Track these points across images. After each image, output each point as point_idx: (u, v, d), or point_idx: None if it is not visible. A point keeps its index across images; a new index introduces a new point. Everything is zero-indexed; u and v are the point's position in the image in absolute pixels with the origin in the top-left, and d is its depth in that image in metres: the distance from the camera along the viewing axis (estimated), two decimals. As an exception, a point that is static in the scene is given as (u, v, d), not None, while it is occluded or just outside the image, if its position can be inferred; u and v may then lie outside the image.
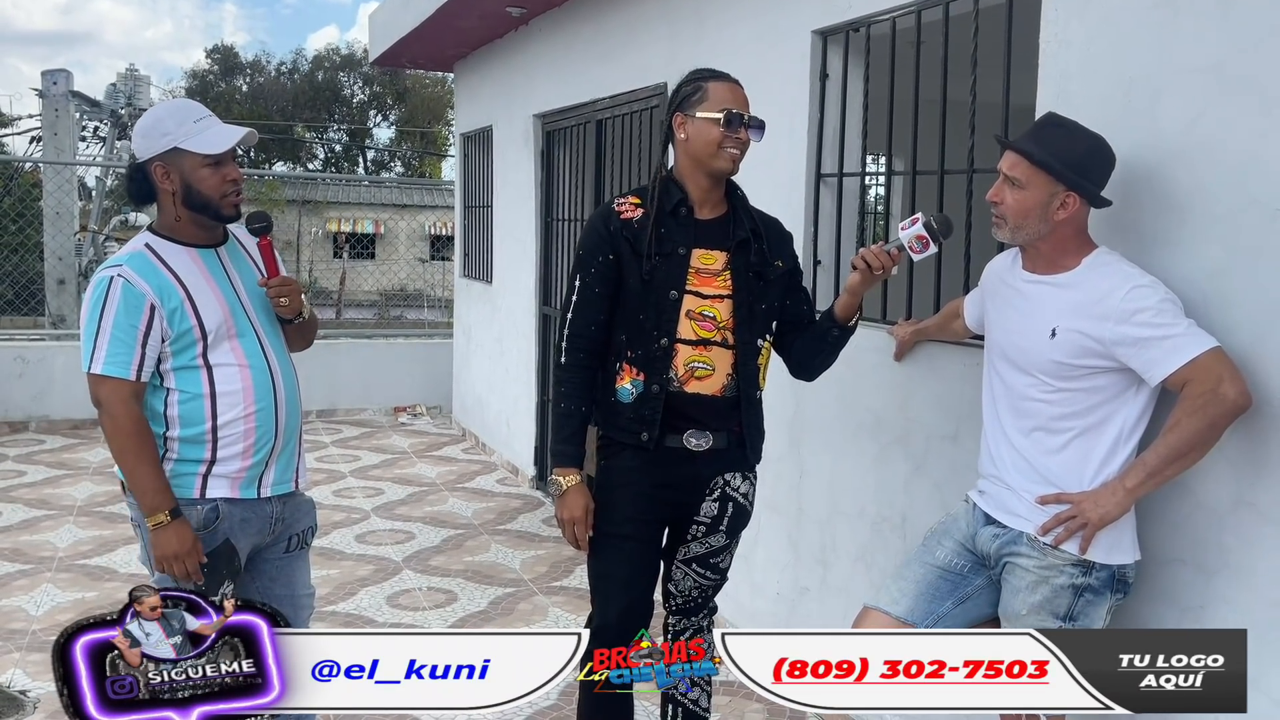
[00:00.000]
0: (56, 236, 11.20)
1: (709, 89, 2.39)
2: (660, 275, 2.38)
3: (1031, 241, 2.16)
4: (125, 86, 15.61)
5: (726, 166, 2.39)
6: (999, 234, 2.19)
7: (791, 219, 3.52)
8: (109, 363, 2.19)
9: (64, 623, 3.82)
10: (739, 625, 3.76)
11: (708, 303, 2.40)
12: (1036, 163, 2.10)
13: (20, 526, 5.11)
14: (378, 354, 8.58)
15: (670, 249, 2.39)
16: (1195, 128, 2.13)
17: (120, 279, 2.20)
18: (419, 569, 4.65)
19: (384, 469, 6.58)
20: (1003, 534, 2.20)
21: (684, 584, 2.58)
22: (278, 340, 2.43)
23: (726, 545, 2.55)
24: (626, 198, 2.48)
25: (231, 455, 2.31)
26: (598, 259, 2.41)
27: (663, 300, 2.38)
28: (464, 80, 7.76)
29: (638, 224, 2.41)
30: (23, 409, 7.35)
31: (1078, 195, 2.10)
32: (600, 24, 5.14)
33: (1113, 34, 2.34)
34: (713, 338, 2.40)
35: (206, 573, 2.32)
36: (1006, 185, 2.14)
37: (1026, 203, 2.12)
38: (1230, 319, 2.05)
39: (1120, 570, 2.11)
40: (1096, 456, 2.10)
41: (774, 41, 3.63)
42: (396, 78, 30.77)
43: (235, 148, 2.29)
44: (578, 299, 2.43)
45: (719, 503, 2.49)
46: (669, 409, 2.39)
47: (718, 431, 2.43)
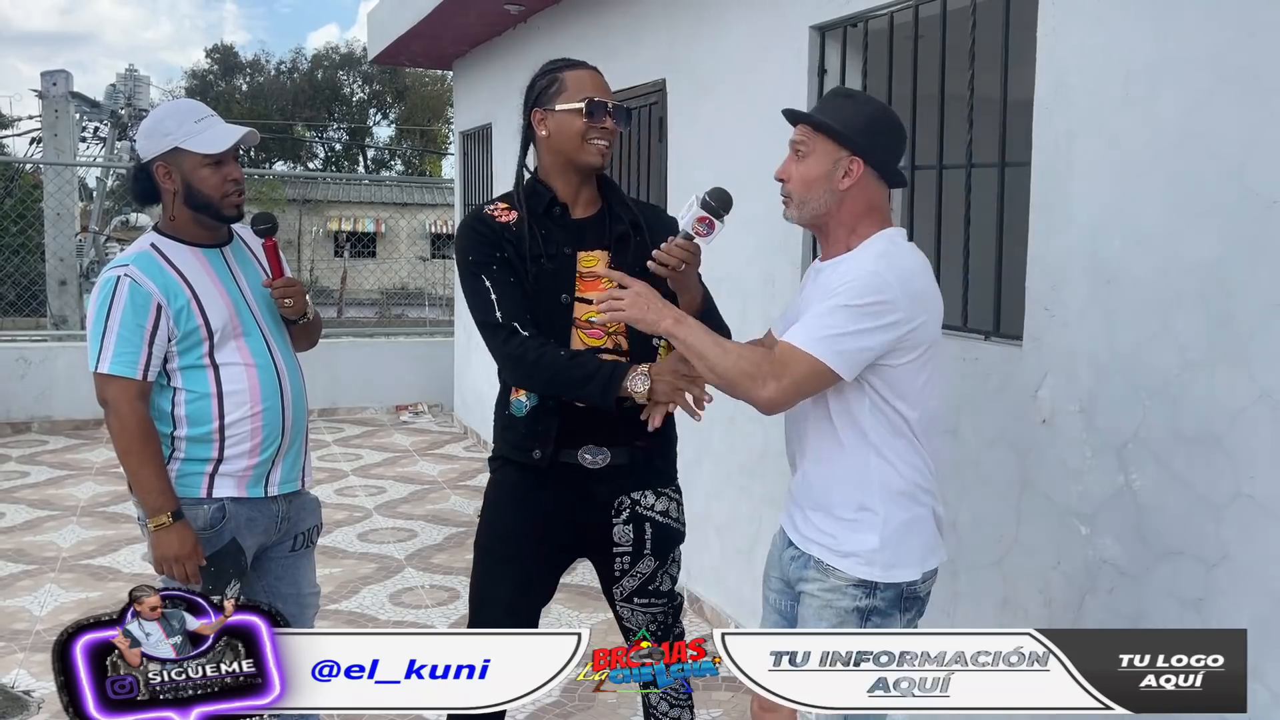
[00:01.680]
0: (58, 238, 11.21)
1: (566, 79, 2.22)
2: (547, 279, 2.19)
3: (820, 218, 1.99)
4: (125, 87, 15.61)
5: (594, 160, 2.20)
6: (787, 214, 2.03)
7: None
8: (116, 362, 2.21)
9: (67, 623, 3.85)
10: (740, 620, 3.77)
11: (594, 308, 2.15)
12: (816, 126, 1.96)
13: (23, 527, 5.13)
14: (379, 352, 8.59)
15: (555, 249, 2.21)
16: (1192, 119, 2.13)
17: (127, 279, 2.22)
18: (421, 567, 4.66)
19: (386, 467, 6.59)
20: (797, 556, 2.05)
21: (636, 619, 2.37)
22: (283, 339, 2.44)
23: (659, 567, 2.33)
24: (494, 203, 2.28)
25: (238, 454, 2.32)
26: (495, 255, 2.18)
27: (554, 305, 2.19)
28: (463, 78, 7.77)
29: (515, 227, 2.21)
30: (25, 410, 7.37)
31: (862, 161, 1.94)
32: (599, 21, 5.14)
33: (1110, 26, 2.33)
34: (603, 345, 2.20)
35: (213, 572, 2.33)
36: (792, 159, 2.00)
37: (810, 172, 1.96)
38: (1226, 312, 2.05)
39: (909, 587, 1.96)
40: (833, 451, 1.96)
41: (772, 37, 3.63)
42: (396, 76, 30.77)
43: (237, 147, 2.30)
44: (498, 292, 2.16)
45: (632, 526, 2.28)
46: (566, 424, 2.19)
47: (617, 447, 2.22)
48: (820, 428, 1.98)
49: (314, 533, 2.57)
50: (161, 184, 2.30)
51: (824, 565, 1.97)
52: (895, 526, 1.94)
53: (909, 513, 1.95)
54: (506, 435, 2.29)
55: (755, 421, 3.74)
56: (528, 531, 2.27)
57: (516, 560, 2.28)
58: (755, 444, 3.74)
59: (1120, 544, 2.30)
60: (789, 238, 3.53)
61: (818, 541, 1.99)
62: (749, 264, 3.69)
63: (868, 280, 1.85)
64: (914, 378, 1.92)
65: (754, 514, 3.78)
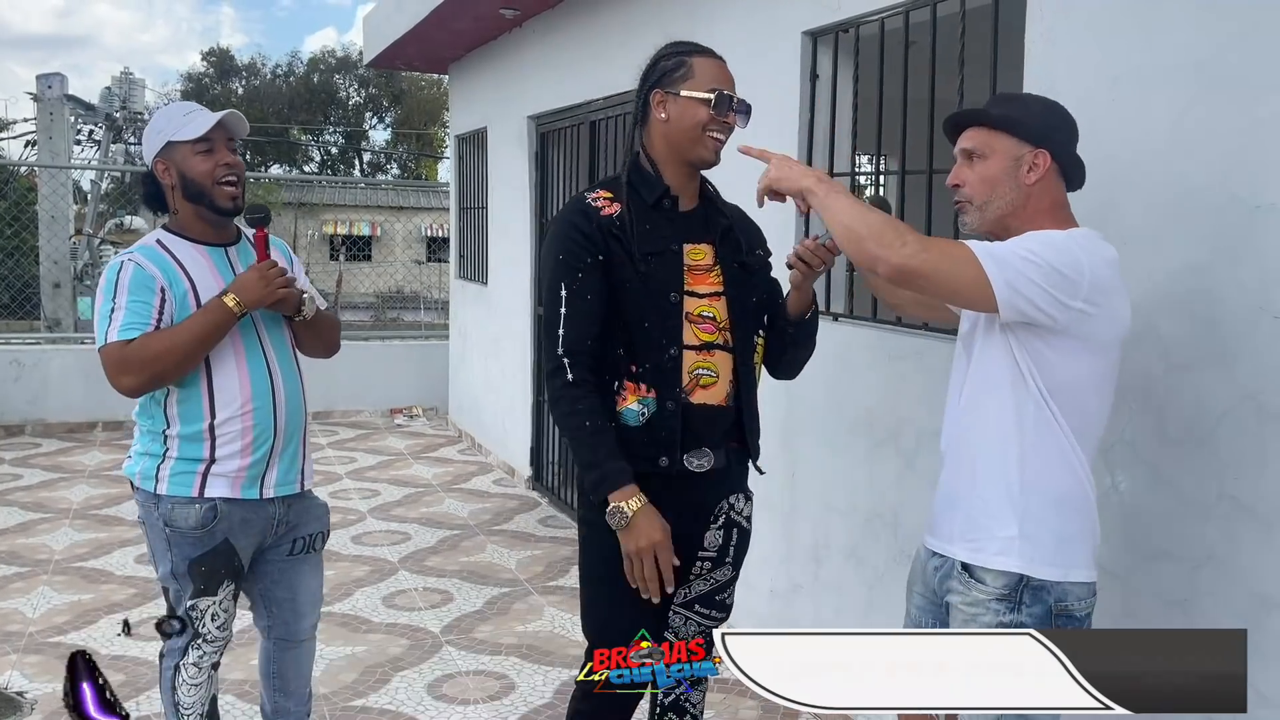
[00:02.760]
0: (52, 240, 11.19)
1: (694, 65, 2.12)
2: (658, 276, 2.10)
3: (1004, 219, 1.89)
4: (120, 90, 15.61)
5: (708, 156, 2.13)
6: (968, 222, 1.95)
7: (783, 220, 3.55)
8: (125, 329, 2.22)
9: (60, 624, 3.87)
10: (732, 622, 3.77)
11: (704, 302, 2.13)
12: (995, 124, 1.89)
13: (16, 529, 5.12)
14: (374, 355, 8.59)
15: (662, 246, 2.11)
16: (1179, 125, 2.15)
17: (130, 263, 2.28)
18: (415, 569, 4.67)
19: (380, 470, 6.59)
20: (941, 565, 1.98)
21: (685, 630, 2.26)
22: (281, 340, 2.45)
23: (732, 578, 2.27)
24: (596, 192, 2.17)
25: (230, 454, 2.33)
26: (584, 262, 2.08)
27: (664, 304, 2.10)
28: (458, 82, 7.78)
29: (619, 220, 2.11)
30: (19, 412, 7.36)
31: (1048, 153, 1.87)
32: (593, 25, 5.16)
33: (1098, 32, 2.36)
34: (715, 340, 2.14)
35: (204, 572, 2.35)
36: (964, 163, 1.93)
37: (991, 171, 1.88)
38: (1211, 316, 2.07)
39: (1059, 600, 1.84)
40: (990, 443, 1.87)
41: (764, 42, 3.65)
42: (392, 80, 30.77)
43: (228, 135, 2.34)
44: (568, 310, 2.07)
45: (724, 530, 2.22)
46: (670, 427, 2.09)
47: (717, 449, 2.16)
48: (979, 430, 1.90)
49: (317, 539, 2.56)
50: (162, 180, 2.36)
51: (965, 576, 1.88)
52: (1040, 519, 1.83)
53: (1057, 509, 1.83)
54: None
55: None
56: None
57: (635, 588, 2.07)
58: (747, 447, 3.75)
59: (1106, 545, 2.31)
60: (780, 241, 3.54)
61: (962, 538, 1.90)
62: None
63: (1064, 248, 1.75)
64: (1077, 373, 1.81)
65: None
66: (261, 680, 2.67)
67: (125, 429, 7.50)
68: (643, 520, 2.00)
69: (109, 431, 7.42)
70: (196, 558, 2.34)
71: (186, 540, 2.33)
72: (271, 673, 2.63)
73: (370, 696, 3.39)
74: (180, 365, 2.24)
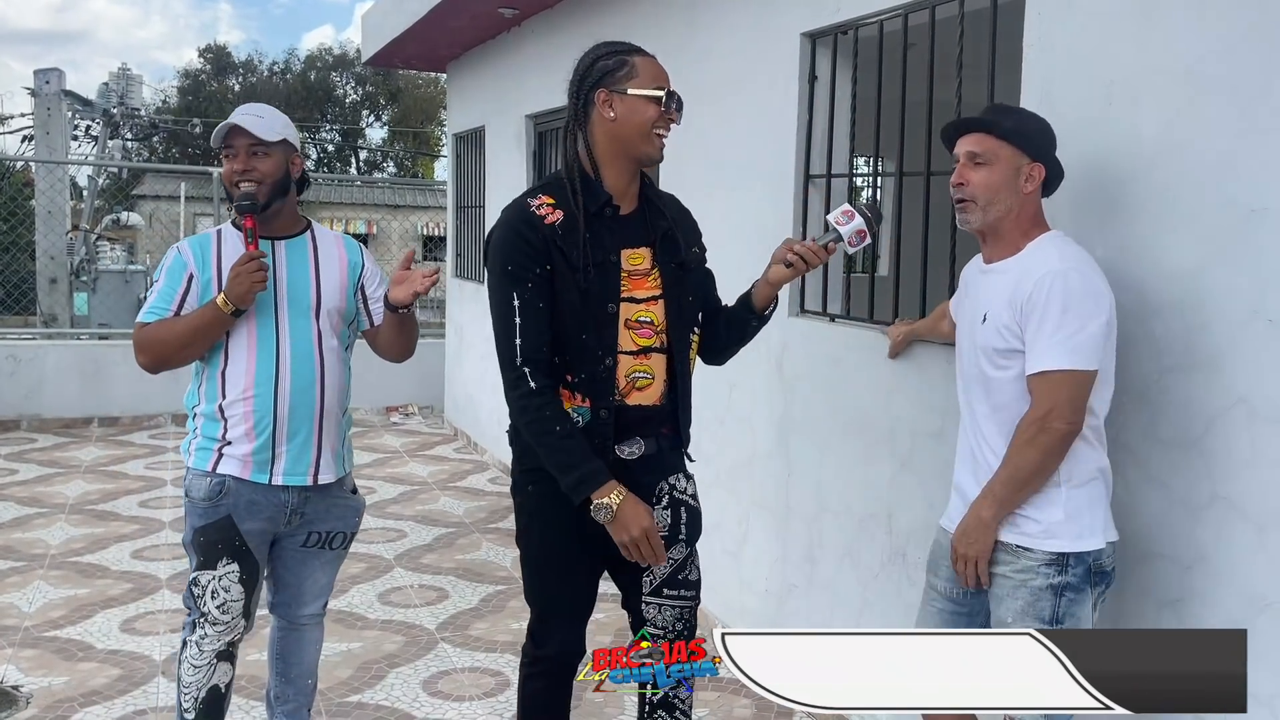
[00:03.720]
0: (49, 235, 11.19)
1: (637, 64, 2.14)
2: (596, 288, 2.13)
3: (1000, 221, 2.11)
4: (117, 86, 15.60)
5: (655, 153, 2.15)
6: (969, 220, 2.13)
7: (780, 219, 3.57)
8: (149, 312, 2.45)
9: (56, 619, 3.87)
10: (727, 622, 3.79)
11: (642, 307, 2.18)
12: (1003, 134, 2.08)
13: (12, 524, 5.12)
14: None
15: (602, 257, 2.13)
16: (1173, 129, 2.17)
17: (175, 249, 2.51)
18: (410, 567, 4.68)
19: (376, 468, 6.60)
20: None
21: (662, 617, 2.31)
22: (305, 331, 2.50)
23: (689, 555, 2.33)
24: (539, 197, 2.17)
25: (238, 437, 2.44)
26: (533, 272, 2.10)
27: (602, 315, 2.14)
28: (456, 81, 7.79)
29: (562, 229, 2.12)
30: (14, 407, 7.35)
31: (1043, 167, 2.10)
32: (591, 25, 5.17)
33: (1094, 37, 2.38)
34: (652, 344, 2.20)
35: (202, 543, 2.45)
36: (969, 166, 2.11)
37: (994, 178, 2.08)
38: (1204, 319, 2.09)
39: (1095, 561, 2.06)
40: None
41: (763, 44, 3.67)
42: (389, 78, 30.75)
43: (251, 140, 2.43)
44: (522, 320, 2.10)
45: (670, 509, 2.29)
46: (603, 426, 2.16)
47: (648, 438, 2.23)
48: (996, 403, 2.10)
49: (336, 538, 2.63)
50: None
51: (1012, 547, 2.08)
52: (1078, 502, 2.05)
53: (1089, 489, 2.06)
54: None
55: (744, 423, 3.78)
56: (574, 539, 2.21)
57: (570, 566, 2.25)
58: (744, 446, 3.77)
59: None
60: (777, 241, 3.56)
61: (1008, 523, 2.08)
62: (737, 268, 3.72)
63: (1064, 275, 1.98)
64: (1103, 364, 2.04)
65: (742, 516, 3.81)
66: (269, 664, 2.77)
67: (120, 425, 7.50)
68: (628, 511, 2.09)
69: (104, 427, 7.41)
70: (200, 527, 2.46)
71: (196, 510, 2.47)
72: (275, 654, 2.74)
73: (366, 692, 3.41)
74: (179, 353, 2.44)
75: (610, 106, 2.13)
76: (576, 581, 2.29)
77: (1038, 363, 1.98)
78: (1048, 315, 1.97)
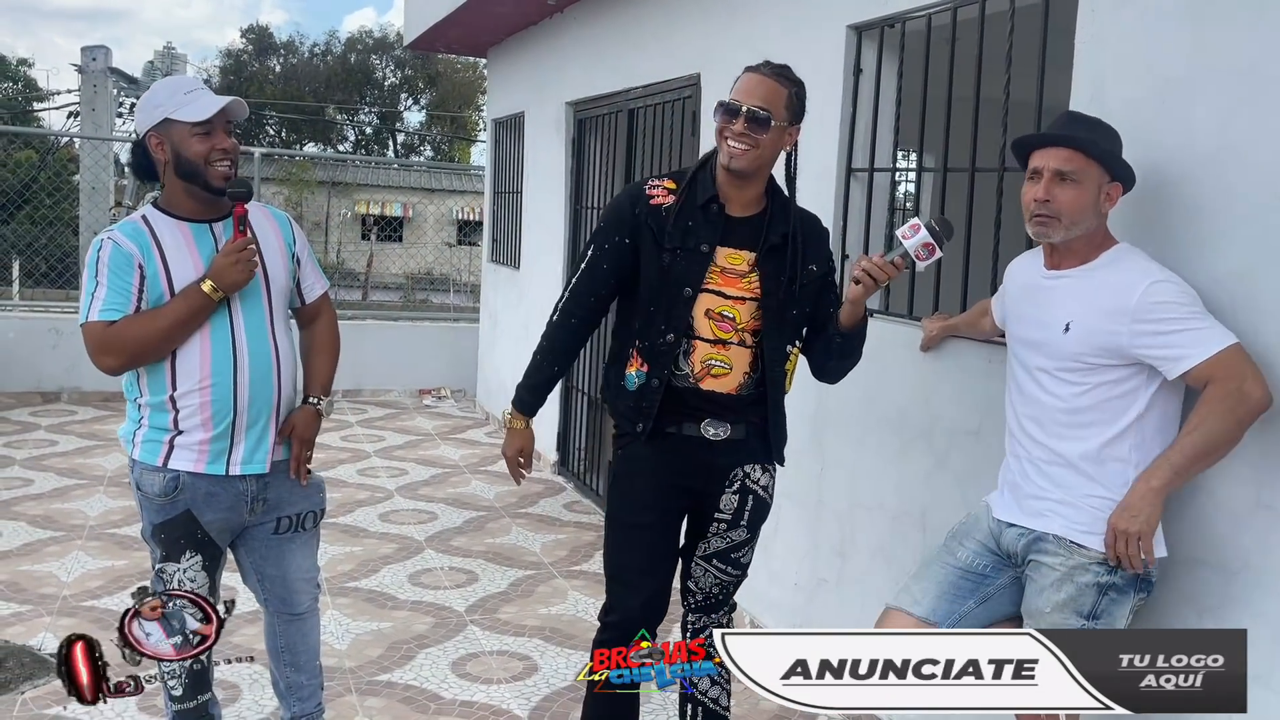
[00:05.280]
0: (93, 211, 11.34)
1: (737, 81, 2.35)
2: (678, 270, 2.32)
3: (1077, 240, 2.14)
4: (163, 65, 15.80)
5: (724, 159, 2.31)
6: (1048, 234, 2.13)
7: (821, 212, 3.52)
8: (106, 310, 2.27)
9: (94, 589, 3.94)
10: (757, 614, 3.79)
11: (729, 303, 2.35)
12: (1093, 154, 2.08)
13: (52, 494, 5.22)
14: (404, 336, 8.65)
15: (694, 244, 2.33)
16: (1226, 130, 2.13)
17: (110, 241, 2.31)
18: (441, 549, 4.71)
19: (408, 450, 6.65)
20: (1027, 534, 2.20)
21: (704, 581, 2.53)
22: (258, 318, 2.41)
23: (748, 540, 2.50)
24: (662, 180, 2.42)
25: (192, 427, 2.35)
26: (614, 238, 2.38)
27: (676, 296, 2.33)
28: (497, 66, 7.80)
29: (665, 212, 2.34)
30: (55, 380, 7.48)
31: (1120, 187, 2.12)
32: (634, 13, 5.16)
33: (1147, 35, 2.34)
34: (729, 339, 2.36)
35: (163, 539, 2.39)
36: (1056, 182, 2.10)
37: (1083, 198, 2.09)
38: (1255, 320, 2.06)
39: (1145, 569, 2.09)
40: (1116, 453, 2.10)
41: (808, 35, 3.64)
42: (428, 62, 30.86)
43: (227, 118, 2.34)
44: (586, 267, 2.43)
45: (739, 495, 2.45)
46: (685, 401, 2.36)
47: (736, 423, 2.39)
48: (1073, 407, 2.12)
49: (306, 519, 2.55)
50: (154, 155, 2.36)
51: (1066, 542, 2.12)
52: None
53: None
54: (617, 405, 2.46)
55: (777, 417, 3.76)
56: (658, 498, 2.43)
57: (650, 527, 2.45)
58: (776, 439, 3.76)
59: (1139, 551, 2.31)
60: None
61: (1063, 516, 2.13)
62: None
63: (1171, 280, 2.04)
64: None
65: (774, 508, 3.79)
66: (270, 658, 2.66)
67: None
68: (512, 436, 2.54)
69: (143, 402, 7.50)
70: (158, 524, 2.39)
71: (152, 505, 2.39)
72: (279, 647, 2.63)
73: (395, 672, 3.44)
74: (159, 348, 2.30)
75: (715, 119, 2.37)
76: (652, 542, 2.46)
77: (1203, 350, 1.97)
78: (1180, 312, 2.00)
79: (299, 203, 21.25)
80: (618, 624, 2.44)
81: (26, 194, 11.15)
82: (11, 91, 31.53)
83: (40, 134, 15.48)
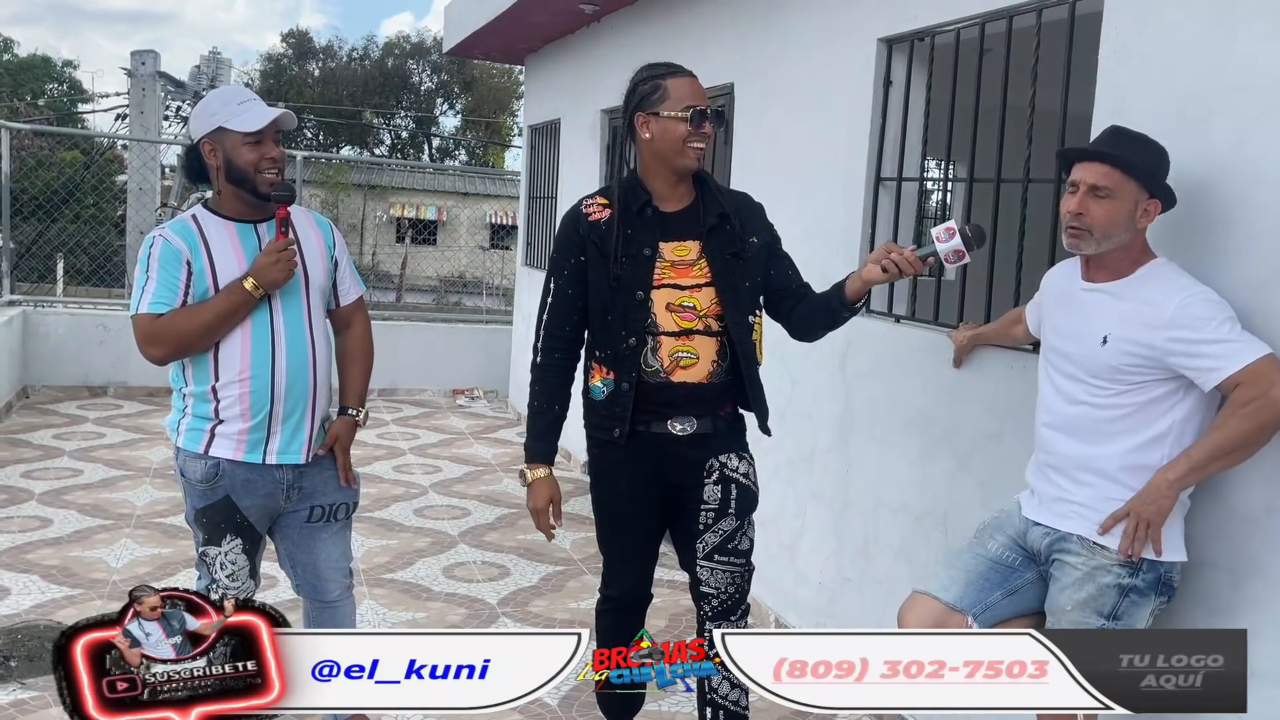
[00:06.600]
0: (140, 211, 11.61)
1: (668, 86, 2.42)
2: (627, 277, 2.42)
3: (1110, 254, 2.19)
4: (208, 69, 16.09)
5: (691, 164, 2.43)
6: (1081, 246, 2.19)
7: (849, 220, 3.63)
8: (155, 303, 2.42)
9: (143, 575, 4.08)
10: (782, 613, 3.87)
11: (686, 293, 2.44)
12: (1129, 171, 2.12)
13: (100, 485, 5.39)
14: (438, 337, 8.81)
15: (636, 250, 2.43)
16: (1245, 145, 2.20)
17: (161, 238, 2.46)
18: (474, 544, 4.83)
19: (442, 448, 6.79)
20: (1052, 533, 2.27)
21: (714, 579, 2.56)
22: (297, 313, 2.53)
23: (740, 527, 2.55)
24: (594, 198, 2.52)
25: (232, 417, 2.48)
26: (569, 261, 2.48)
27: (629, 301, 2.42)
28: (534, 73, 7.93)
29: (604, 225, 2.45)
30: (103, 374, 7.69)
31: (1159, 203, 2.16)
32: (670, 23, 5.26)
33: (1170, 51, 2.40)
34: (694, 327, 2.44)
35: (205, 524, 2.52)
36: (1090, 196, 2.15)
37: (1117, 213, 2.13)
38: (1270, 334, 2.11)
39: (1166, 572, 2.16)
40: (1146, 460, 2.15)
41: (840, 47, 3.72)
42: (464, 67, 31.13)
43: (275, 129, 2.47)
44: (552, 301, 2.50)
45: (720, 485, 2.52)
46: (656, 399, 2.44)
47: (703, 417, 2.48)
48: (1108, 416, 2.18)
49: (339, 510, 2.67)
50: (207, 160, 2.50)
51: (1090, 543, 2.18)
52: (1172, 525, 2.14)
53: (1178, 505, 2.13)
54: (589, 417, 2.55)
55: (804, 418, 3.84)
56: (632, 490, 2.55)
57: (630, 516, 2.59)
58: (804, 441, 3.84)
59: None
60: (845, 241, 3.63)
61: (1087, 519, 2.19)
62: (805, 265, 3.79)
63: (1205, 294, 2.09)
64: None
65: (799, 509, 3.88)
66: None
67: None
68: (534, 489, 2.56)
69: (185, 398, 7.68)
70: (200, 508, 2.53)
71: (195, 491, 2.52)
72: None
73: (430, 660, 3.54)
74: (202, 341, 2.44)
75: (647, 128, 2.44)
76: (633, 533, 2.63)
77: (1237, 361, 2.01)
78: (1214, 325, 2.04)
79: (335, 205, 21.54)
80: (617, 596, 2.69)
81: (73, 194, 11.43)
82: (57, 92, 32.19)
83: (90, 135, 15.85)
